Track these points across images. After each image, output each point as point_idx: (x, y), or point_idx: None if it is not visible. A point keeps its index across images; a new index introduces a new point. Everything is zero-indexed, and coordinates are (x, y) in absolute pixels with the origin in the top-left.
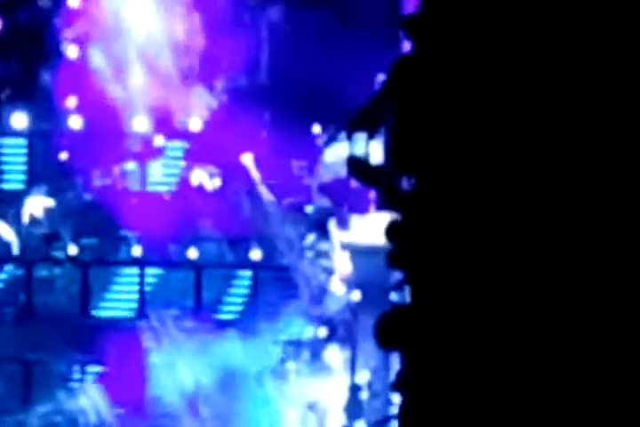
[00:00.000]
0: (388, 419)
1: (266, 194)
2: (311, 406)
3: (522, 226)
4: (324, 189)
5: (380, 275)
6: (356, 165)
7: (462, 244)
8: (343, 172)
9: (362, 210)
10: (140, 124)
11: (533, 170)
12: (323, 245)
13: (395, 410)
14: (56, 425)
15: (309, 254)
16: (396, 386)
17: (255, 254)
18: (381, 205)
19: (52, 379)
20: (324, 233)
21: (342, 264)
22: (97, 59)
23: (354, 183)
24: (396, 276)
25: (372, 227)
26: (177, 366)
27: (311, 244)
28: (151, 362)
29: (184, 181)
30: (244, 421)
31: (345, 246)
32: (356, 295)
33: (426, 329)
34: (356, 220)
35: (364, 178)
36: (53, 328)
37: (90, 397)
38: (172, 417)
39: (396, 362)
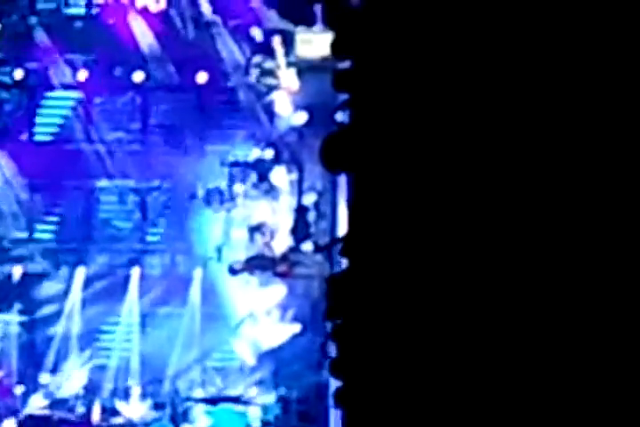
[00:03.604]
0: (335, 241)
1: (211, 16)
2: (258, 228)
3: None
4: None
5: (327, 96)
6: None
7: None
8: None
9: (309, 23)
10: None
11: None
12: (268, 64)
13: (341, 231)
14: None
15: (255, 73)
16: (347, 203)
17: (201, 77)
18: (328, 21)
19: None
20: (269, 54)
21: (289, 81)
22: None
23: None
24: (343, 97)
25: (318, 45)
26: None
27: (256, 63)
28: (98, 186)
29: (129, 4)
30: (193, 238)
31: (291, 65)
32: (303, 117)
33: (370, 150)
34: (301, 37)
35: None
36: None
37: None
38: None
39: (342, 183)
